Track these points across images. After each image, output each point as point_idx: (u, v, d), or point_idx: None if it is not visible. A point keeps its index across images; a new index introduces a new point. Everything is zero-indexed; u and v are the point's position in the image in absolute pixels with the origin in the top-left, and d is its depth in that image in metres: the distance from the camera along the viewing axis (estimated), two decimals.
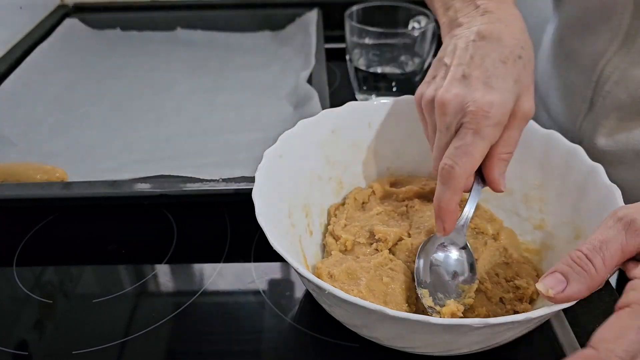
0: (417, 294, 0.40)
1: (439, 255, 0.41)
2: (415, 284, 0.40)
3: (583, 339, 0.41)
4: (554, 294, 0.31)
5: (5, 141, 0.63)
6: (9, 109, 0.67)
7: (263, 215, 0.37)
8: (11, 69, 0.74)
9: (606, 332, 0.28)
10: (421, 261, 0.41)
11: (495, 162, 0.39)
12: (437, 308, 0.38)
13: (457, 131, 0.38)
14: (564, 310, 0.43)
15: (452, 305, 0.37)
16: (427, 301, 0.38)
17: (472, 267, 0.41)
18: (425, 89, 0.41)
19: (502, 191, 0.41)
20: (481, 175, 0.41)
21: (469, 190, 0.40)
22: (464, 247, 0.41)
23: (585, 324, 0.43)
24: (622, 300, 0.29)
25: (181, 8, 0.92)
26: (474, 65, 0.38)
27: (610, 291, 0.45)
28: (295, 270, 0.34)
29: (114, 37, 0.90)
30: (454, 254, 0.41)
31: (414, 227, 0.45)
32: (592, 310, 0.44)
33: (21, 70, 0.73)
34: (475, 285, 0.40)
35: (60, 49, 0.82)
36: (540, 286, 0.32)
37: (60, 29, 0.86)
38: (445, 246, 0.41)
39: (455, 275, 0.40)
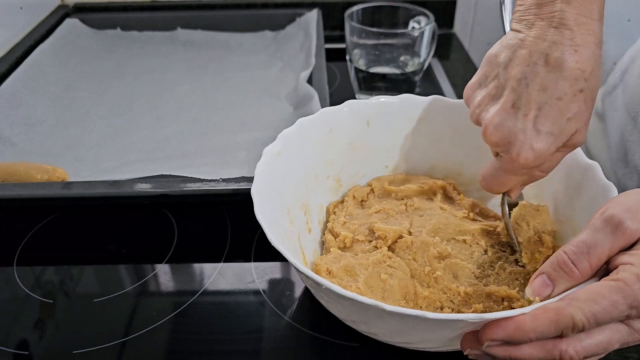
0: (415, 290, 0.40)
1: None
2: None
3: None
4: (540, 300, 0.32)
5: (5, 141, 0.63)
6: (9, 109, 0.67)
7: (262, 213, 0.37)
8: (11, 69, 0.74)
9: (581, 294, 0.30)
10: None
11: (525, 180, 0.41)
12: None
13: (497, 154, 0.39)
14: None
15: None
16: None
17: None
18: (474, 96, 0.40)
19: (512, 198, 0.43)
20: None
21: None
22: None
23: None
24: (611, 276, 0.30)
25: (181, 8, 0.92)
26: (527, 97, 0.35)
27: None
28: (293, 266, 0.34)
29: (114, 37, 0.90)
30: None
31: (415, 225, 0.45)
32: None
33: (21, 70, 0.73)
34: None
35: (61, 49, 0.82)
36: (528, 292, 0.33)
37: (60, 29, 0.86)
38: None
39: None
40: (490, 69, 0.38)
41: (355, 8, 0.71)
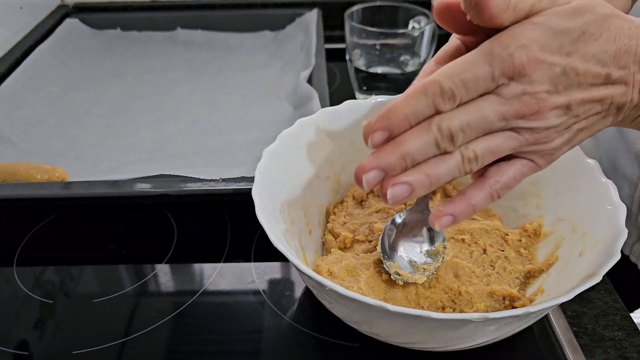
0: (416, 290, 0.40)
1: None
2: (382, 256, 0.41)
3: (583, 339, 0.41)
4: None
5: (5, 141, 0.63)
6: (9, 109, 0.67)
7: (263, 214, 0.37)
8: (11, 69, 0.74)
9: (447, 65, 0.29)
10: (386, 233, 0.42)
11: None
12: (405, 274, 0.39)
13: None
14: (564, 309, 0.44)
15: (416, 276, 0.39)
16: (394, 267, 0.40)
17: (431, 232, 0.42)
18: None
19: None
20: None
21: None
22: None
23: (585, 324, 0.43)
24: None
25: (181, 8, 0.92)
26: None
27: (610, 291, 0.45)
28: (295, 267, 0.34)
29: (114, 37, 0.90)
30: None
31: None
32: (591, 310, 0.44)
33: (21, 70, 0.73)
34: (440, 248, 0.41)
35: (61, 49, 0.82)
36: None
37: (60, 29, 0.86)
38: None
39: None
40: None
41: (355, 8, 0.71)
